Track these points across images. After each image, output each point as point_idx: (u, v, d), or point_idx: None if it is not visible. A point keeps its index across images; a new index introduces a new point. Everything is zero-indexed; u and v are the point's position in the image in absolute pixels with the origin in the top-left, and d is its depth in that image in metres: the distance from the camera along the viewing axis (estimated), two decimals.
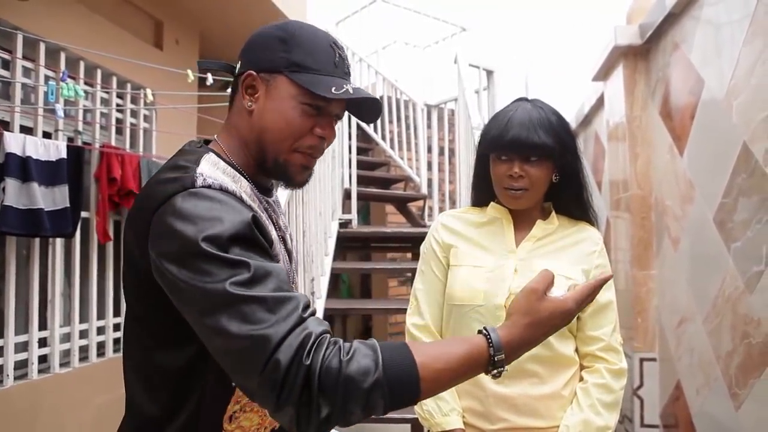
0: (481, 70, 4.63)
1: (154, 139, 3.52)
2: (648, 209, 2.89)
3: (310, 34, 0.89)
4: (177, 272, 0.73)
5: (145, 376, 0.86)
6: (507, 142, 1.23)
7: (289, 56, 0.86)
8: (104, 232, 2.95)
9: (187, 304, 0.74)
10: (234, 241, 0.74)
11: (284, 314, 0.70)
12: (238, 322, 0.68)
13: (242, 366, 0.69)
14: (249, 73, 0.87)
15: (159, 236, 0.76)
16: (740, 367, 1.99)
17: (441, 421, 1.25)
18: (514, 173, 1.24)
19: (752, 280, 1.90)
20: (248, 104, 0.87)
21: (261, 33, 0.91)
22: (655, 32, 2.73)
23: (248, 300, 0.70)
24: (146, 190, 0.84)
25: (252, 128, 0.88)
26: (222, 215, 0.75)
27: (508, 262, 1.28)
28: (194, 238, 0.72)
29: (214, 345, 0.72)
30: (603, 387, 1.23)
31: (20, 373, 2.58)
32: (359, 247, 4.56)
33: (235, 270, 0.71)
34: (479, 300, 1.25)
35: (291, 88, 0.86)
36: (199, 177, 0.79)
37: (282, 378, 0.66)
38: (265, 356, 0.67)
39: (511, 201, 1.28)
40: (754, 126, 1.88)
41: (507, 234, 1.32)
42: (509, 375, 1.21)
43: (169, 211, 0.76)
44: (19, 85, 2.56)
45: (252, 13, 3.86)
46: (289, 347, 0.67)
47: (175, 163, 0.84)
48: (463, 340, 0.79)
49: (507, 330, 0.80)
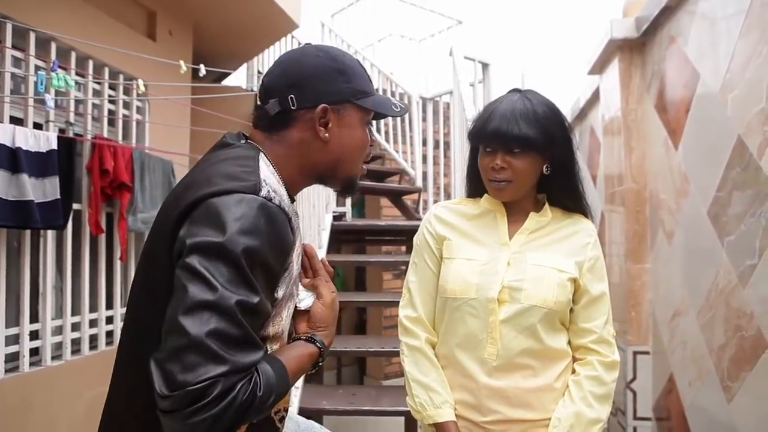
0: (476, 63, 4.61)
1: (146, 131, 3.49)
2: (643, 203, 2.89)
3: (353, 61, 1.02)
4: (198, 259, 0.77)
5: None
6: (488, 133, 1.24)
7: (351, 86, 0.98)
8: (96, 224, 2.92)
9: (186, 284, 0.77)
10: (263, 266, 0.82)
11: (248, 353, 0.78)
12: (218, 337, 0.75)
13: (186, 366, 0.73)
14: (323, 107, 0.96)
15: (205, 222, 0.80)
16: (733, 360, 2.00)
17: (433, 413, 1.25)
18: (495, 165, 1.24)
19: (745, 273, 1.90)
20: (324, 135, 0.96)
21: (315, 67, 0.98)
22: (651, 26, 2.73)
23: (239, 325, 0.77)
24: (198, 176, 0.88)
25: (329, 154, 0.98)
26: (269, 236, 0.82)
27: (501, 255, 1.27)
28: (239, 243, 0.78)
29: (179, 332, 0.75)
30: (595, 379, 1.23)
31: (11, 365, 2.56)
32: (354, 240, 4.55)
33: (249, 291, 0.79)
34: (472, 293, 1.25)
35: (359, 113, 1.00)
36: (264, 186, 0.86)
37: (209, 400, 0.72)
38: (211, 374, 0.73)
39: (495, 193, 1.28)
40: (749, 119, 1.88)
41: (500, 226, 1.31)
42: (502, 368, 1.22)
43: (226, 204, 0.81)
44: (8, 75, 2.53)
45: (246, 5, 3.82)
46: (230, 380, 0.74)
47: (239, 158, 0.91)
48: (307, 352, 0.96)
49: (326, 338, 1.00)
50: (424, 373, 1.28)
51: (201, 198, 0.83)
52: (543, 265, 1.25)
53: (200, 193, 0.83)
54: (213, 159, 0.95)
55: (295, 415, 1.21)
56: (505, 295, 1.23)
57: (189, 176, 0.94)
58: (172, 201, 0.90)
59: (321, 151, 0.98)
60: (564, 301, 1.23)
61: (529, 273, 1.24)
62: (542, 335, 1.22)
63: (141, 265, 0.95)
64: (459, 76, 3.44)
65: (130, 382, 0.92)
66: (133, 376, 0.90)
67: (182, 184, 0.92)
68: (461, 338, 1.26)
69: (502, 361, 1.22)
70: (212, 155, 0.97)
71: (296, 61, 0.99)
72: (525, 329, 1.22)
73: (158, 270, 0.87)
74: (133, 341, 0.94)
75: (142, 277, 0.94)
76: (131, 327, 0.96)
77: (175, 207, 0.86)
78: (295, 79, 0.97)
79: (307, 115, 0.96)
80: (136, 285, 0.95)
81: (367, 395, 2.80)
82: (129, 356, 0.94)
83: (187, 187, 0.88)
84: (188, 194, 0.85)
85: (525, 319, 1.22)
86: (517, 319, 1.22)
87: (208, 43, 4.26)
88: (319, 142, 0.97)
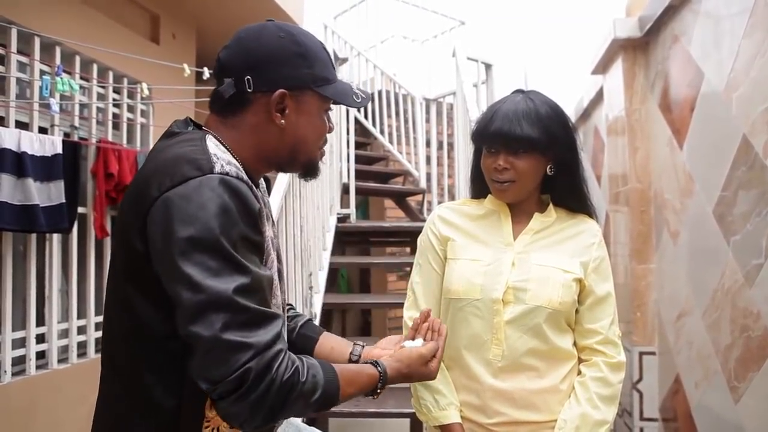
0: (479, 64, 4.61)
1: (151, 134, 3.50)
2: (647, 203, 2.88)
3: (316, 44, 0.96)
4: (179, 258, 0.76)
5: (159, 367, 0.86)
6: (490, 134, 1.23)
7: (312, 71, 0.93)
8: (101, 227, 2.93)
9: (179, 292, 0.77)
10: (243, 240, 0.80)
11: (267, 329, 0.79)
12: (232, 328, 0.76)
13: (218, 363, 0.76)
14: (281, 93, 0.91)
15: (171, 218, 0.77)
16: (739, 361, 1.98)
17: (438, 415, 1.24)
18: (498, 165, 1.23)
19: (752, 273, 1.89)
20: (280, 122, 0.92)
21: (276, 49, 0.92)
22: (655, 25, 2.72)
23: (244, 309, 0.78)
24: (151, 169, 0.84)
25: (285, 141, 0.94)
26: (239, 210, 0.80)
27: (506, 256, 1.26)
28: (213, 229, 0.77)
29: (198, 338, 0.77)
30: (601, 380, 1.22)
31: (18, 369, 2.57)
32: (358, 241, 4.55)
33: (240, 274, 0.78)
34: (476, 294, 1.24)
35: (318, 101, 0.96)
36: (216, 161, 0.82)
37: (250, 383, 0.76)
38: (243, 361, 0.76)
39: (498, 193, 1.28)
40: (754, 118, 1.87)
41: (504, 227, 1.30)
42: (507, 369, 1.21)
43: (186, 194, 0.78)
44: (14, 80, 2.54)
45: (249, 7, 3.84)
46: (261, 359, 0.77)
47: (185, 139, 0.87)
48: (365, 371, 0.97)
49: (392, 369, 1.00)
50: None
51: (157, 195, 0.79)
52: (548, 266, 1.24)
53: (155, 191, 0.79)
54: (159, 149, 0.90)
55: (295, 420, 1.20)
56: (510, 295, 1.22)
57: (139, 174, 0.89)
58: (128, 204, 0.86)
59: (276, 139, 0.94)
60: (569, 302, 1.22)
61: (533, 273, 1.23)
62: (548, 335, 1.22)
63: (109, 272, 0.93)
64: (462, 76, 3.44)
65: (110, 388, 0.93)
66: (111, 382, 0.92)
67: (135, 183, 0.87)
68: (466, 339, 1.25)
69: (507, 362, 1.22)
70: (158, 145, 0.93)
71: (256, 40, 0.93)
72: (530, 330, 1.21)
73: (119, 282, 0.87)
74: (108, 347, 0.93)
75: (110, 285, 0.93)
76: (106, 332, 0.94)
77: (134, 209, 0.82)
78: (253, 60, 0.91)
79: (263, 99, 0.91)
80: (108, 289, 0.94)
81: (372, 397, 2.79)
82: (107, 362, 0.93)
83: (141, 185, 0.83)
84: (144, 193, 0.81)
85: (530, 319, 1.21)
86: (522, 320, 1.21)
87: (211, 46, 4.27)
88: (274, 128, 0.93)
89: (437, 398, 1.25)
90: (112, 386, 0.92)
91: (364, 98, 1.01)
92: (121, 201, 0.91)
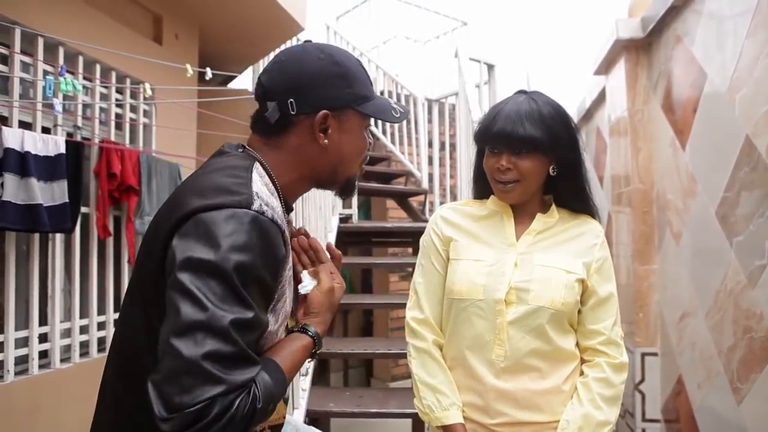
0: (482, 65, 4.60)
1: (153, 134, 3.50)
2: (650, 203, 2.88)
3: (354, 63, 0.99)
4: (190, 277, 0.76)
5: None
6: (493, 134, 1.23)
7: (353, 90, 0.96)
8: (104, 227, 2.94)
9: (178, 304, 0.76)
10: (255, 281, 0.80)
11: (244, 370, 0.77)
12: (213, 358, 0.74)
13: (182, 388, 0.73)
14: (324, 114, 0.93)
15: (196, 238, 0.79)
16: (742, 362, 1.98)
17: (441, 415, 1.24)
18: (501, 166, 1.23)
19: (754, 274, 1.89)
20: (324, 141, 0.95)
21: (317, 71, 0.94)
22: (657, 25, 2.71)
23: (233, 343, 0.76)
24: (191, 188, 0.87)
25: (328, 159, 0.97)
26: (262, 251, 0.81)
27: (508, 256, 1.26)
28: (230, 260, 0.77)
29: (174, 354, 0.74)
30: (603, 381, 1.22)
31: (21, 368, 2.58)
32: (360, 242, 4.55)
33: (242, 308, 0.78)
34: (479, 294, 1.24)
35: (359, 119, 0.99)
36: (256, 200, 0.84)
37: (208, 420, 0.73)
38: (208, 395, 0.73)
39: (501, 194, 1.28)
40: (757, 119, 1.87)
41: (507, 227, 1.30)
42: (510, 369, 1.21)
43: (216, 220, 0.79)
44: (17, 80, 2.55)
45: (251, 8, 3.84)
46: (227, 398, 0.74)
47: (231, 170, 0.89)
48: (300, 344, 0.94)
49: (317, 324, 0.98)
50: (432, 375, 1.28)
51: (191, 212, 0.81)
52: (550, 266, 1.24)
53: (191, 207, 0.81)
54: (207, 167, 0.93)
55: (294, 419, 1.20)
56: (513, 296, 1.22)
57: (182, 186, 0.92)
58: (164, 213, 0.88)
59: (320, 158, 0.97)
60: (572, 302, 1.22)
61: (536, 274, 1.23)
62: (551, 336, 1.22)
63: (133, 277, 0.94)
64: (464, 77, 3.43)
65: (117, 394, 0.93)
66: (120, 390, 0.92)
67: (175, 195, 0.90)
68: (469, 340, 1.25)
69: (509, 363, 1.22)
70: (208, 163, 0.96)
71: (297, 63, 0.95)
72: (532, 330, 1.21)
73: (147, 284, 0.87)
74: (120, 355, 0.94)
75: (134, 289, 0.93)
76: (119, 339, 0.94)
77: (167, 220, 0.84)
78: (295, 83, 0.93)
79: (306, 120, 0.94)
80: (128, 295, 0.94)
81: (374, 397, 2.80)
82: (115, 370, 0.94)
83: (180, 198, 0.86)
84: (180, 207, 0.83)
85: (533, 320, 1.21)
86: (525, 320, 1.21)
87: (213, 46, 4.28)
88: (318, 147, 0.95)
89: (439, 398, 1.25)
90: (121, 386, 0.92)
91: (403, 113, 1.03)
92: (158, 211, 0.92)
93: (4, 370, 2.47)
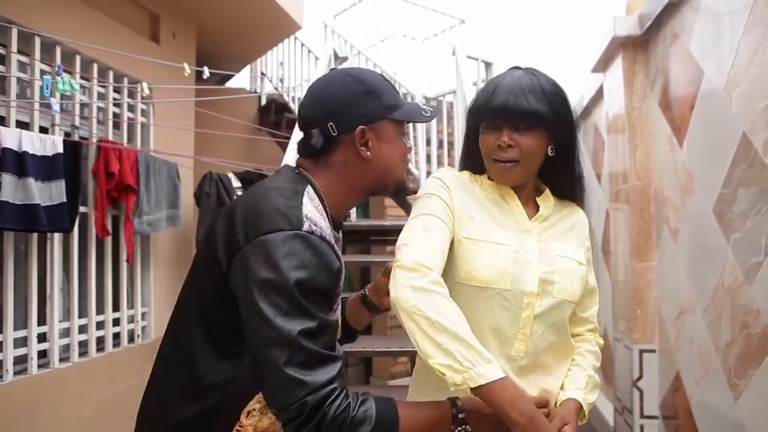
0: (479, 62, 4.62)
1: (151, 134, 3.50)
2: (647, 201, 2.88)
3: (377, 77, 1.09)
4: (258, 296, 0.88)
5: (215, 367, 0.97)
6: (493, 108, 1.12)
7: (381, 102, 1.05)
8: (102, 226, 2.94)
9: (253, 323, 0.89)
10: (315, 292, 0.92)
11: (324, 370, 0.89)
12: (293, 365, 0.87)
13: (280, 394, 0.88)
14: (361, 129, 1.03)
15: (258, 260, 0.90)
16: (739, 358, 1.99)
17: (485, 370, 0.93)
18: (502, 143, 1.12)
19: (751, 270, 1.90)
20: (366, 154, 1.04)
21: (346, 93, 1.04)
22: (654, 22, 2.72)
23: (306, 350, 0.88)
24: (250, 207, 0.96)
25: (374, 169, 1.06)
26: (317, 266, 0.92)
27: (528, 243, 1.14)
28: (290, 278, 0.88)
29: (265, 368, 0.89)
30: (594, 354, 1.24)
31: (20, 368, 2.58)
32: (358, 240, 4.55)
33: (307, 319, 0.89)
34: (506, 284, 1.09)
35: (394, 126, 1.08)
36: (306, 221, 0.94)
37: (305, 415, 0.86)
38: (300, 396, 0.86)
39: (500, 175, 1.15)
40: (754, 116, 1.87)
41: (516, 210, 1.18)
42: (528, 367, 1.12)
43: (274, 242, 0.90)
44: (14, 80, 2.55)
45: (249, 6, 3.84)
46: (316, 396, 0.87)
47: (286, 193, 0.98)
48: (434, 406, 0.99)
49: (474, 403, 0.97)
50: (453, 321, 0.96)
51: (253, 235, 0.92)
52: (566, 257, 1.16)
53: (254, 231, 0.92)
54: (263, 185, 1.05)
55: None
56: (539, 288, 1.11)
57: (242, 204, 0.99)
58: (225, 227, 0.96)
59: (366, 169, 1.06)
60: (581, 295, 1.18)
61: (557, 264, 1.14)
62: (566, 330, 1.17)
63: (188, 282, 1.04)
64: (462, 75, 3.44)
65: (164, 388, 1.02)
66: (168, 384, 1.01)
67: (235, 211, 0.97)
68: (486, 332, 1.09)
69: (529, 360, 1.12)
70: (264, 181, 1.08)
71: (327, 90, 1.06)
72: (552, 324, 1.13)
73: (203, 288, 0.98)
74: (174, 352, 1.03)
75: (189, 294, 1.03)
76: (172, 338, 1.04)
77: (230, 237, 0.94)
78: (330, 108, 1.03)
79: (347, 138, 1.04)
80: (183, 300, 1.04)
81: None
82: (166, 367, 1.03)
83: (240, 218, 0.95)
84: (242, 229, 0.93)
85: (555, 314, 1.13)
86: (548, 315, 1.12)
87: (211, 45, 4.28)
88: (362, 160, 1.05)
89: (477, 348, 0.95)
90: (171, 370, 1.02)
91: (432, 111, 1.11)
92: (215, 225, 1.01)
93: (3, 369, 2.47)
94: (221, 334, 0.97)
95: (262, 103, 5.45)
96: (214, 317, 0.97)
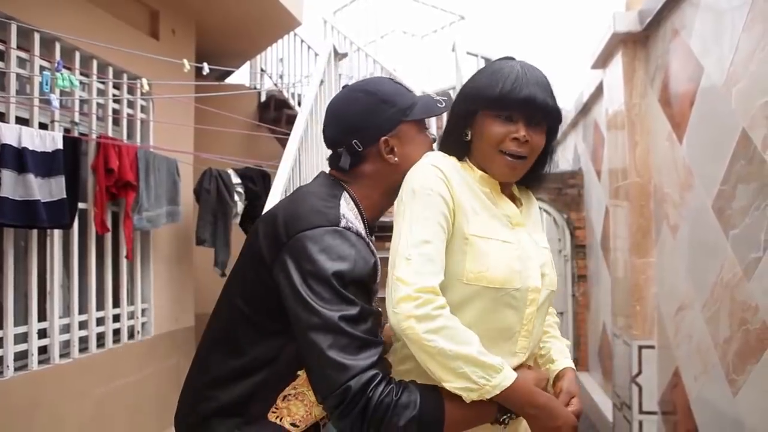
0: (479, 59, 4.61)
1: (151, 130, 3.50)
2: (647, 197, 2.89)
3: (387, 84, 1.14)
4: (300, 286, 0.94)
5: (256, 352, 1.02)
6: (520, 100, 1.03)
7: (396, 107, 1.10)
8: (102, 223, 2.94)
9: (297, 312, 0.95)
10: (353, 282, 0.97)
11: (366, 354, 0.93)
12: (335, 348, 0.91)
13: (324, 379, 0.92)
14: (384, 140, 1.09)
15: (299, 254, 0.97)
16: (738, 354, 1.99)
17: (499, 379, 0.95)
18: (521, 137, 1.04)
19: (750, 266, 1.90)
20: (394, 160, 1.09)
21: (363, 108, 1.10)
22: (655, 19, 2.72)
23: (347, 334, 0.92)
24: (291, 209, 1.04)
25: (405, 171, 1.08)
26: (354, 258, 0.98)
27: (524, 237, 1.11)
28: (328, 269, 0.94)
29: (309, 353, 0.94)
30: (558, 324, 1.32)
31: (20, 364, 2.58)
32: None
33: (347, 306, 0.94)
34: (516, 283, 1.05)
35: (414, 126, 1.12)
36: (343, 219, 1.02)
37: (349, 400, 0.90)
38: (343, 380, 0.90)
39: (506, 169, 1.07)
40: (753, 112, 1.88)
41: (504, 202, 1.12)
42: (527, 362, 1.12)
43: (313, 237, 0.97)
44: (14, 76, 2.55)
45: (248, 3, 3.83)
46: (359, 380, 0.90)
47: (323, 195, 1.06)
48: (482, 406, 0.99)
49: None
50: (467, 342, 0.96)
51: (295, 232, 0.99)
52: (545, 246, 1.16)
53: (294, 229, 0.99)
54: (304, 188, 1.13)
55: None
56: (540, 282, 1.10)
57: (285, 204, 1.08)
58: (269, 228, 1.03)
59: (396, 171, 1.10)
60: None
61: (545, 256, 1.14)
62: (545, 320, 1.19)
63: (234, 275, 1.10)
64: (462, 71, 3.44)
65: (203, 363, 1.09)
66: (217, 364, 1.06)
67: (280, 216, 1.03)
68: (494, 333, 1.05)
69: (529, 353, 1.11)
70: (305, 185, 1.16)
71: (344, 108, 1.12)
72: (542, 316, 1.13)
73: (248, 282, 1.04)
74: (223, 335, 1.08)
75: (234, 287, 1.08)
76: (217, 322, 1.10)
77: (273, 236, 1.01)
78: (351, 127, 1.10)
79: (373, 149, 1.09)
80: (229, 294, 1.10)
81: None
82: (213, 349, 1.08)
83: (280, 223, 1.02)
84: (285, 228, 1.00)
85: (546, 306, 1.13)
86: (543, 307, 1.11)
87: (210, 41, 4.27)
88: (391, 165, 1.10)
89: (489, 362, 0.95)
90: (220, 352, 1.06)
91: (447, 100, 1.14)
92: (258, 227, 1.07)
93: (3, 365, 2.47)
94: (265, 320, 1.02)
95: (262, 99, 5.44)
96: (259, 306, 1.03)
